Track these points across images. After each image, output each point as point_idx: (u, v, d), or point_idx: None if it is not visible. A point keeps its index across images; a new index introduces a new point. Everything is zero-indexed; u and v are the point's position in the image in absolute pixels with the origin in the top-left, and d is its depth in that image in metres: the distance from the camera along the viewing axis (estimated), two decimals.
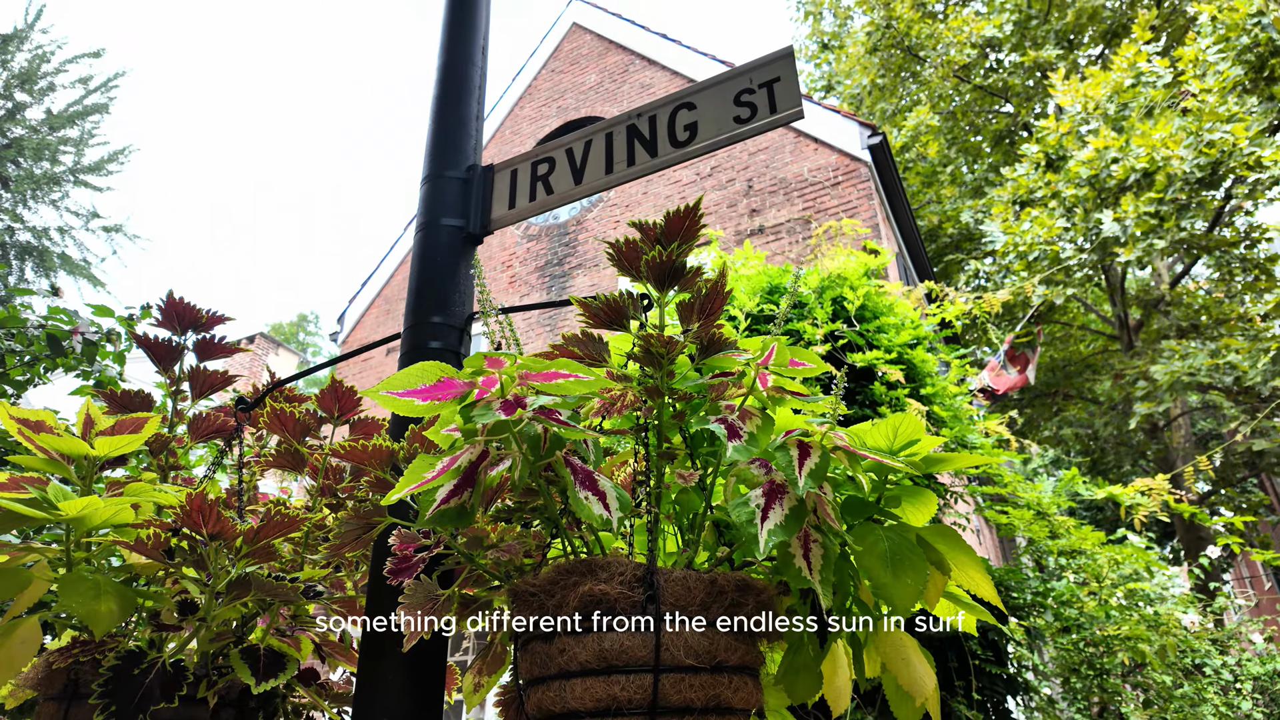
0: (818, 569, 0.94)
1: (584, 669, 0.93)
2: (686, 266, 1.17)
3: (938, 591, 1.12)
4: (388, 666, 1.17)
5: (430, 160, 1.67)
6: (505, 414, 0.93)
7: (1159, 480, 4.00)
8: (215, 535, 1.02)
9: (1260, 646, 4.95)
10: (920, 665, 1.10)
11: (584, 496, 0.92)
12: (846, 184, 6.23)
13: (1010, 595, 3.51)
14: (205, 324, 1.73)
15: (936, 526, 1.10)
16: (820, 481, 0.91)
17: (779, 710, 1.44)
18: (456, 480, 0.96)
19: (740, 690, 0.94)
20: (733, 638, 0.95)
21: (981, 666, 3.31)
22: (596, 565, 0.96)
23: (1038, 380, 12.74)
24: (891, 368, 3.74)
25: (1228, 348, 6.42)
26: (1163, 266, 12.48)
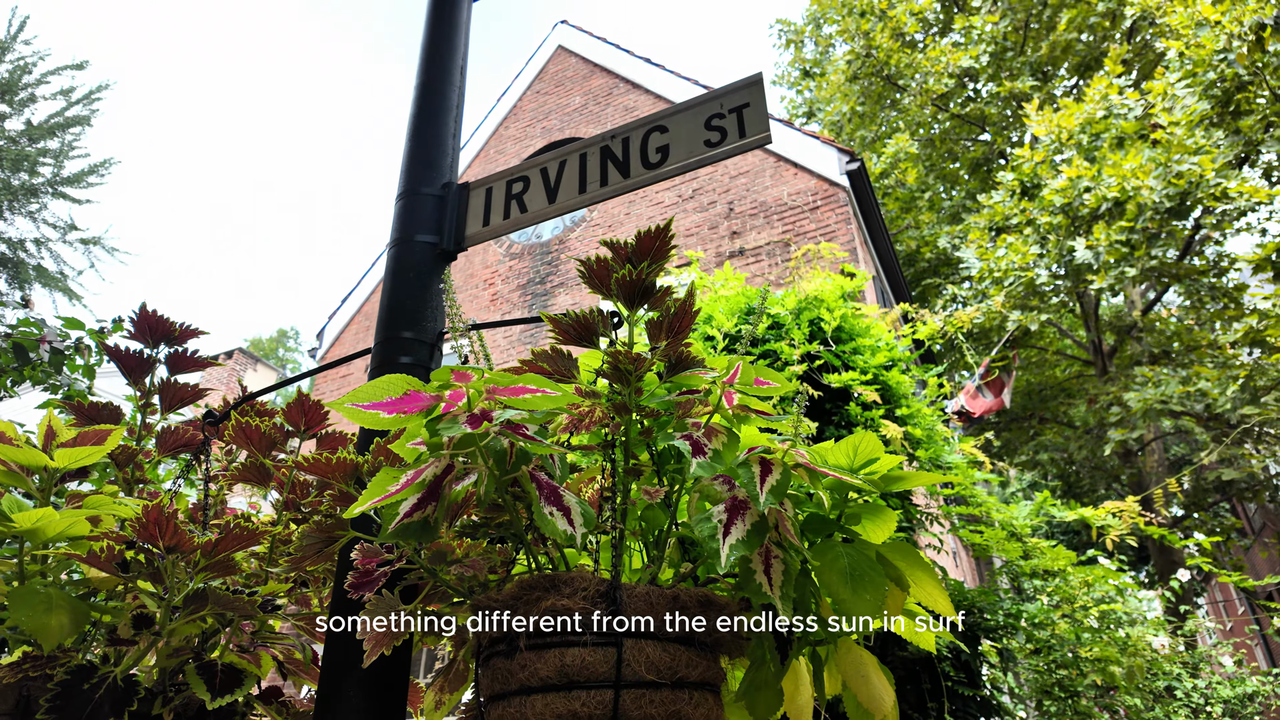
0: (778, 584, 0.94)
1: (545, 684, 0.92)
2: (656, 285, 1.19)
3: (897, 606, 1.13)
4: (348, 683, 1.16)
5: (406, 177, 1.68)
6: (471, 427, 0.94)
7: (1129, 502, 4.06)
8: (172, 548, 1.01)
9: (1230, 669, 5.00)
10: (879, 682, 1.11)
11: (549, 512, 0.93)
12: (825, 208, 6.32)
13: (983, 617, 3.53)
14: (178, 337, 1.72)
15: (896, 543, 1.11)
16: (781, 498, 0.92)
17: None
18: (420, 494, 0.96)
19: (701, 706, 0.95)
20: (695, 653, 0.95)
21: (954, 689, 3.32)
22: (560, 580, 0.96)
23: (1015, 405, 12.89)
24: (867, 389, 3.77)
25: (1198, 375, 6.55)
26: (1136, 294, 12.73)
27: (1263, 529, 21.35)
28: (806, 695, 1.32)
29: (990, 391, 7.90)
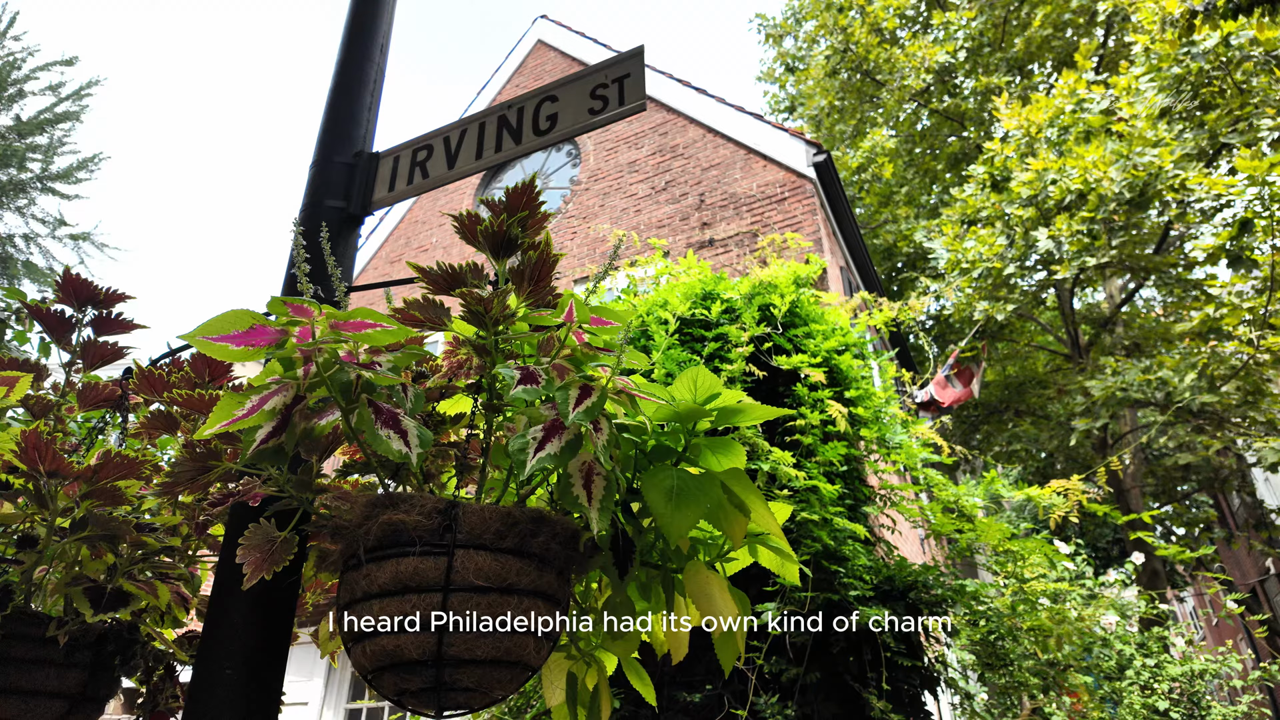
0: (597, 498, 1.03)
1: (383, 591, 1.01)
2: (521, 238, 1.28)
3: (740, 530, 1.21)
4: (234, 605, 1.24)
5: (320, 146, 1.76)
6: (316, 361, 1.03)
7: (1074, 481, 4.16)
8: (53, 472, 1.10)
9: (1181, 649, 5.11)
10: (721, 599, 1.19)
11: (385, 434, 1.01)
12: (792, 199, 6.42)
13: (926, 591, 3.63)
14: (103, 301, 1.80)
15: (733, 472, 1.20)
16: (593, 418, 1.01)
17: (628, 660, 1.54)
18: (275, 422, 1.04)
19: (531, 611, 1.03)
20: (525, 563, 1.04)
21: (894, 659, 3.42)
22: (400, 499, 1.05)
23: (993, 398, 13.02)
24: (815, 371, 3.87)
25: (1160, 364, 6.66)
26: (1115, 288, 12.87)
27: (1254, 527, 21.53)
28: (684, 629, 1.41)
29: (960, 382, 8.01)
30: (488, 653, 1.00)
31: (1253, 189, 5.43)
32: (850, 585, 3.37)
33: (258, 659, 1.22)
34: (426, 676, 0.99)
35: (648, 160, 7.75)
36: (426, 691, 1.01)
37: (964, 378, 7.94)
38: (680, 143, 7.64)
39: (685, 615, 1.40)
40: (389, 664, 1.00)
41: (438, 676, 0.99)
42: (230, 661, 1.19)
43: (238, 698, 1.18)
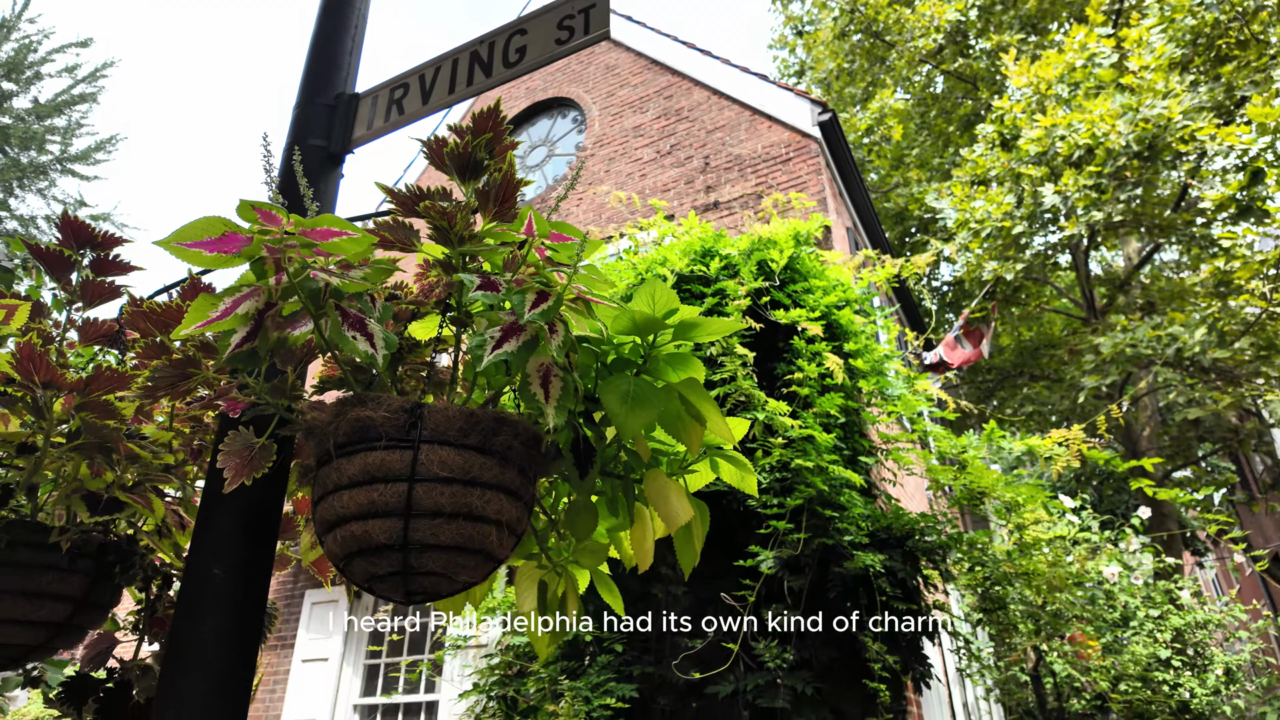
0: (554, 397, 1.09)
1: (351, 482, 1.08)
2: (486, 160, 1.32)
3: (697, 439, 1.26)
4: (220, 513, 1.31)
5: (303, 88, 1.81)
6: (286, 269, 1.08)
7: (1075, 431, 4.17)
8: (47, 383, 1.17)
9: (1186, 602, 5.14)
10: (678, 502, 1.25)
11: (351, 335, 1.07)
12: (797, 159, 6.39)
13: (923, 539, 3.68)
14: (101, 243, 1.87)
15: (690, 382, 1.24)
16: (549, 319, 1.06)
17: (598, 571, 1.60)
18: (248, 327, 1.10)
19: (493, 503, 1.10)
20: (488, 460, 1.10)
21: (890, 603, 3.48)
22: (368, 398, 1.11)
23: (1008, 363, 12.93)
24: (812, 325, 3.89)
25: (1172, 321, 6.59)
26: (1133, 250, 12.67)
27: (1271, 488, 21.15)
28: (650, 538, 1.47)
29: (969, 343, 7.97)
30: (452, 539, 1.06)
31: (1264, 138, 5.31)
32: (845, 531, 3.42)
33: (244, 563, 1.29)
34: (393, 560, 1.06)
35: (653, 124, 7.72)
36: (394, 576, 1.08)
37: (973, 339, 7.90)
38: (685, 105, 7.60)
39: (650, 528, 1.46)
40: (358, 550, 1.07)
41: (404, 560, 1.06)
42: (218, 563, 1.27)
43: (225, 597, 1.26)
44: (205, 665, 1.19)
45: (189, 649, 1.20)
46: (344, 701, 6.16)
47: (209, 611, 1.24)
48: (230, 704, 1.20)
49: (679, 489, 1.28)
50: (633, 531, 1.46)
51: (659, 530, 1.48)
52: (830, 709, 3.63)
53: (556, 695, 3.62)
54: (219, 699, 1.18)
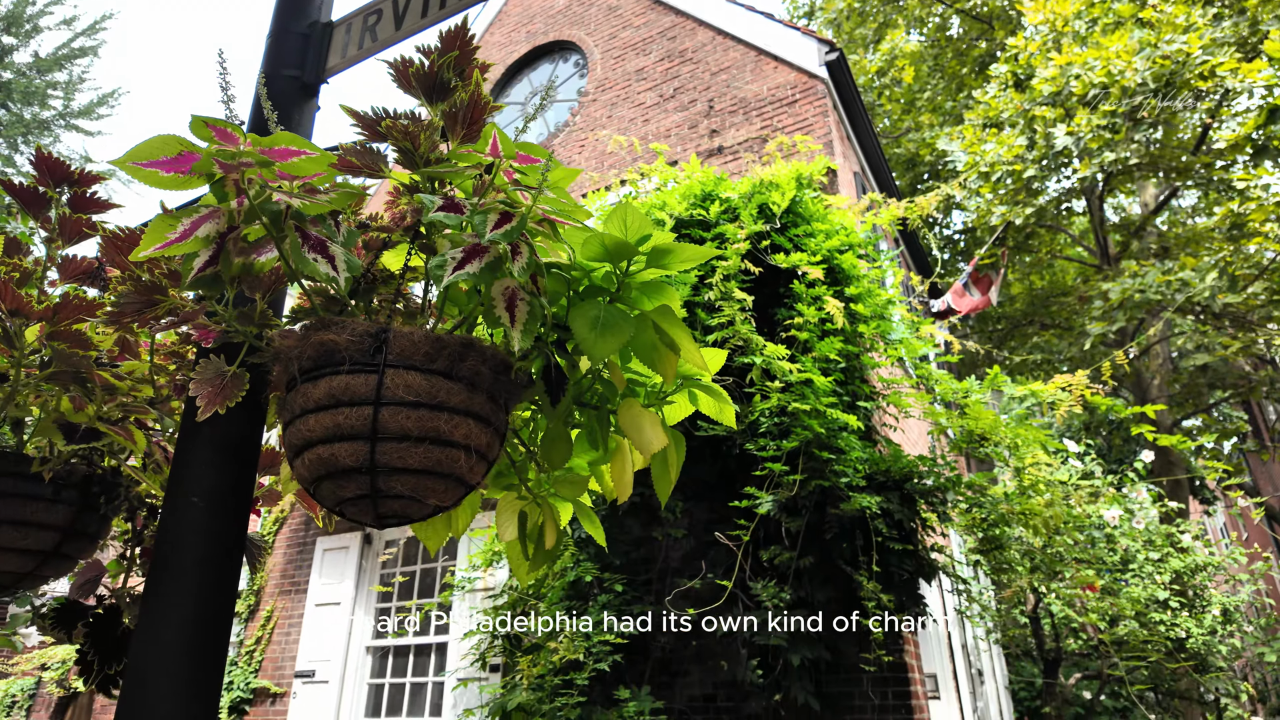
0: (520, 322, 1.07)
1: (317, 406, 1.07)
2: (454, 82, 1.28)
3: (672, 368, 1.25)
4: (199, 445, 1.32)
5: (276, 17, 1.76)
6: (246, 192, 1.06)
7: (1079, 376, 4.13)
8: (14, 311, 1.16)
9: (1187, 544, 5.16)
10: (651, 430, 1.24)
11: (312, 258, 1.05)
12: (803, 101, 6.23)
13: (921, 480, 3.69)
14: (78, 180, 1.85)
15: (664, 309, 1.23)
16: (512, 239, 1.04)
17: (580, 504, 1.61)
18: (211, 251, 1.09)
19: (461, 427, 1.09)
20: (456, 385, 1.09)
21: (886, 544, 3.51)
22: (333, 322, 1.10)
23: (1018, 312, 12.81)
24: (813, 268, 3.84)
25: (1183, 265, 6.47)
26: (1150, 196, 12.40)
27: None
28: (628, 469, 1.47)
29: (978, 290, 7.88)
30: (420, 462, 1.06)
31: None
32: (842, 474, 3.44)
33: (222, 492, 1.30)
34: (361, 483, 1.06)
35: (655, 67, 7.54)
36: (363, 499, 1.08)
37: (982, 286, 7.80)
38: (689, 47, 7.40)
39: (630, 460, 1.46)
40: (326, 472, 1.07)
41: (372, 483, 1.06)
42: (196, 493, 1.28)
43: (204, 527, 1.27)
44: (185, 593, 1.20)
45: (169, 577, 1.22)
46: (357, 643, 6.33)
47: (188, 540, 1.25)
48: (210, 632, 1.22)
49: (653, 418, 1.27)
50: (612, 464, 1.46)
51: (638, 462, 1.48)
52: (826, 646, 3.70)
53: (558, 633, 3.70)
54: (199, 627, 1.19)
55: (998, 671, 7.64)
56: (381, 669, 6.22)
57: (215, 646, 1.20)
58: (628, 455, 1.46)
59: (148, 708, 1.11)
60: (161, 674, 1.13)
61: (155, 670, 1.14)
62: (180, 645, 1.16)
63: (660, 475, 1.38)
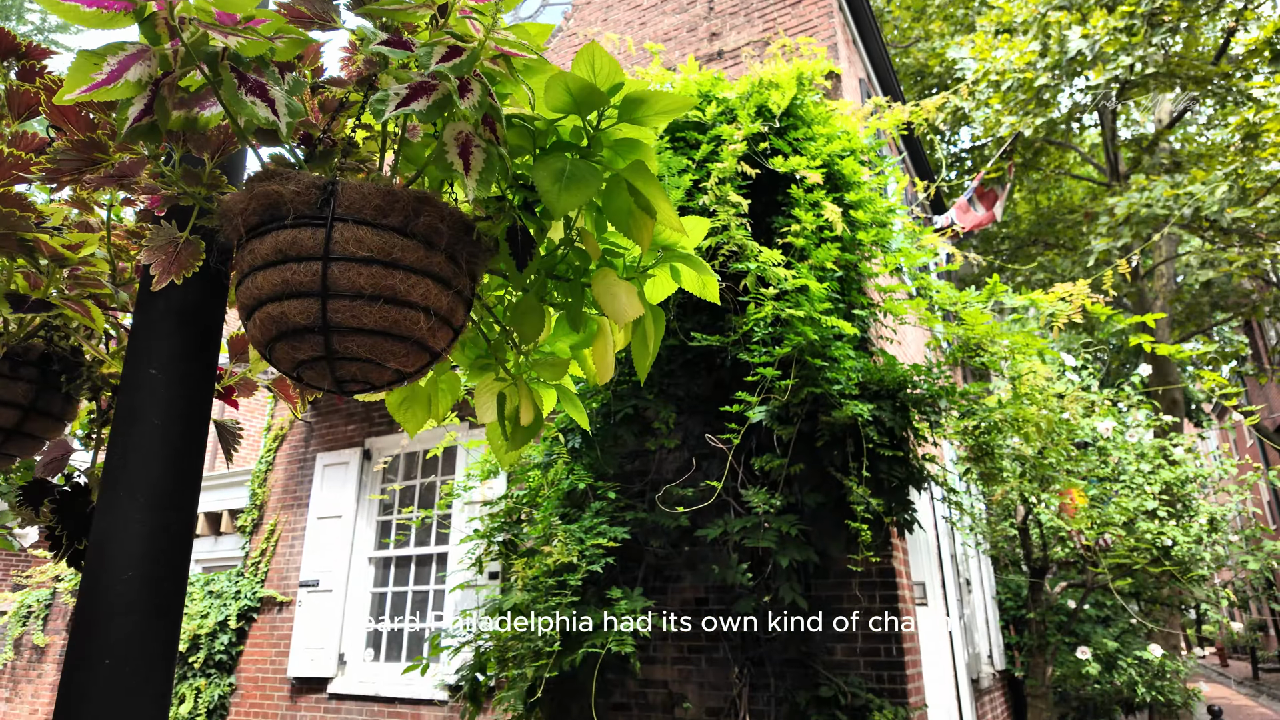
0: (475, 170, 1.00)
1: (265, 262, 1.02)
2: None
3: (647, 233, 1.18)
4: (155, 316, 1.27)
5: None
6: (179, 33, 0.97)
7: (1080, 285, 4.06)
8: None
9: (1177, 456, 5.19)
10: (627, 299, 1.19)
11: (250, 100, 0.98)
12: (807, 0, 5.93)
13: (915, 389, 3.66)
14: (26, 53, 1.74)
15: (637, 165, 1.15)
16: (461, 74, 0.95)
17: (564, 388, 1.57)
18: (145, 99, 1.01)
19: (418, 287, 1.04)
20: (412, 242, 1.03)
21: (877, 451, 3.51)
22: (278, 173, 1.03)
23: (1022, 231, 12.59)
24: (812, 173, 3.72)
25: (1193, 179, 6.29)
26: (1164, 112, 12.00)
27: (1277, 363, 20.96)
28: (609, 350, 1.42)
29: (983, 205, 7.70)
30: (375, 322, 1.01)
31: None
32: (835, 381, 3.41)
33: (181, 362, 1.25)
34: (315, 343, 1.02)
35: None
36: (319, 361, 1.04)
37: (987, 201, 7.62)
38: None
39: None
40: (278, 332, 1.02)
41: (326, 344, 1.01)
42: (155, 364, 1.24)
43: (164, 403, 1.23)
44: (143, 465, 1.17)
45: (128, 449, 1.19)
46: (359, 554, 6.48)
47: (147, 412, 1.21)
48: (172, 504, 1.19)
49: (629, 287, 1.21)
50: (593, 346, 1.42)
51: (619, 343, 1.43)
52: (815, 550, 3.76)
53: (552, 538, 3.75)
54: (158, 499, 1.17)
55: (985, 582, 7.85)
56: (384, 579, 6.39)
57: (178, 519, 1.17)
58: (608, 336, 1.41)
59: (107, 578, 1.10)
60: (119, 546, 1.11)
61: (114, 542, 1.12)
62: (139, 517, 1.13)
63: (639, 351, 1.34)
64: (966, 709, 5.81)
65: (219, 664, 6.60)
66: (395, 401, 1.49)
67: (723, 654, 4.20)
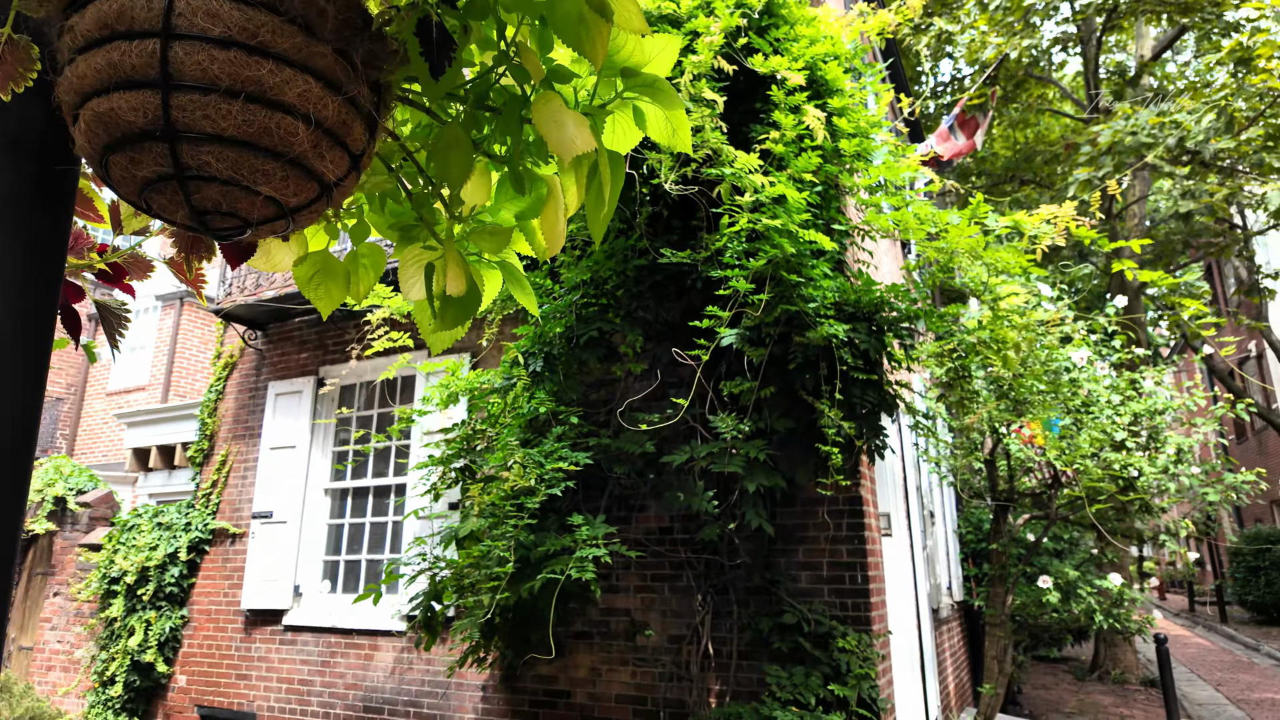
0: None
1: (87, 41, 0.76)
2: None
3: (602, 42, 0.95)
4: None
5: None
6: None
7: (1065, 207, 3.89)
8: None
9: (1147, 389, 5.15)
10: (576, 129, 0.96)
11: None
12: None
13: (891, 311, 3.50)
14: None
15: None
16: None
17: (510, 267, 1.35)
18: None
19: (294, 84, 0.79)
20: (283, 22, 0.78)
21: (850, 375, 3.36)
22: None
23: (999, 167, 12.42)
24: (794, 73, 3.45)
25: (1180, 108, 6.12)
26: (1148, 47, 11.76)
27: (1248, 293, 21.32)
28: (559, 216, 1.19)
29: (963, 133, 7.48)
30: (238, 128, 0.77)
31: None
32: (811, 298, 3.22)
33: (16, 197, 1.00)
34: (159, 155, 0.77)
35: None
36: (168, 181, 0.80)
37: (968, 129, 7.39)
38: None
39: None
40: (110, 139, 0.77)
41: (174, 155, 0.77)
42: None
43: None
44: None
45: None
46: (314, 485, 6.26)
47: None
48: (7, 377, 0.96)
49: (578, 116, 0.98)
50: (543, 212, 1.19)
51: (571, 205, 1.21)
52: (783, 476, 3.63)
53: (511, 463, 3.58)
54: None
55: (948, 515, 7.93)
56: (341, 510, 6.20)
57: (21, 391, 0.94)
58: (559, 198, 1.18)
59: None
60: None
61: None
62: None
63: (595, 208, 1.11)
64: (927, 637, 5.88)
65: (170, 596, 6.41)
66: (305, 275, 1.25)
67: (686, 582, 4.11)
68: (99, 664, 6.37)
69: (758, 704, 3.42)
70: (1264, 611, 16.82)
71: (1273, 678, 11.03)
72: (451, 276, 1.09)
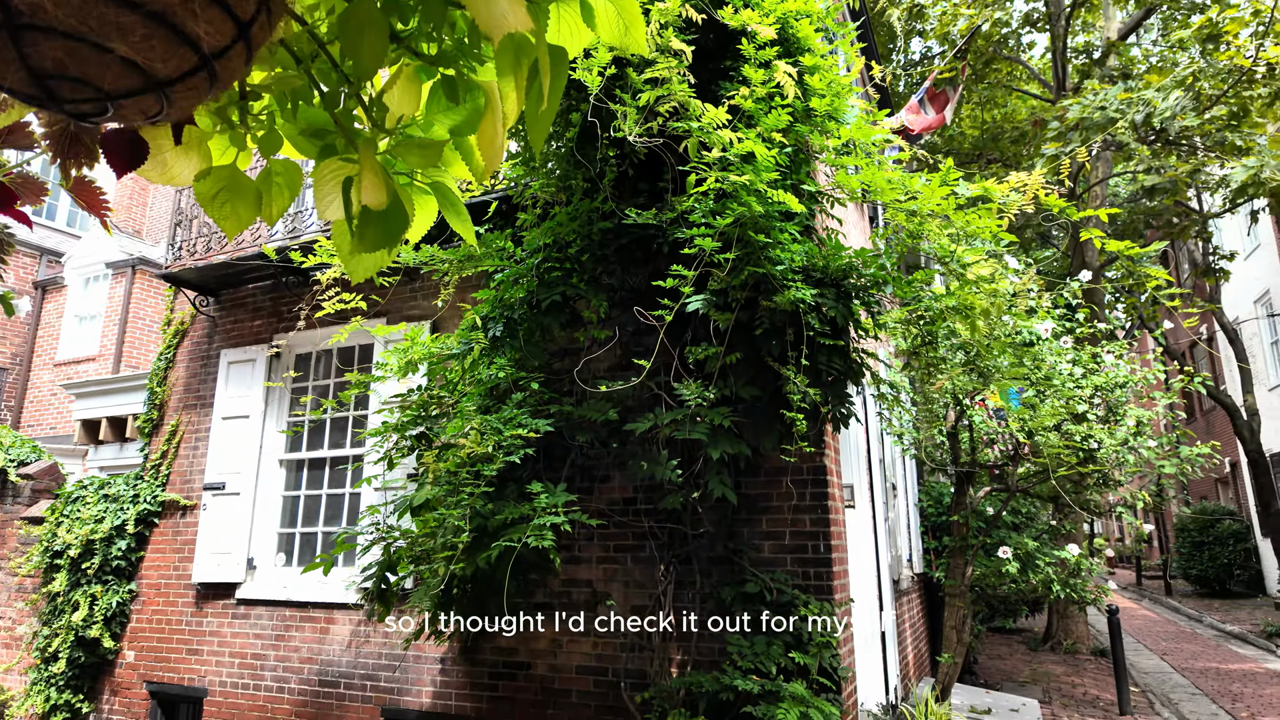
0: None
1: None
2: None
3: None
4: None
5: None
6: None
7: (1035, 175, 3.84)
8: None
9: (1109, 363, 5.19)
10: (511, 4, 0.83)
11: None
12: None
13: (860, 277, 3.42)
14: None
15: None
16: None
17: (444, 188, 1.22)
18: None
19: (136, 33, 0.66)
20: None
21: (817, 341, 3.29)
22: None
23: (965, 147, 12.45)
24: (764, 27, 3.32)
25: (1147, 84, 6.13)
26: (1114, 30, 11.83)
27: (1204, 274, 21.80)
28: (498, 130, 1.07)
29: (933, 107, 7.43)
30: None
31: None
32: (778, 260, 3.12)
33: None
34: None
35: None
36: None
37: (938, 103, 7.35)
38: None
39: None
40: None
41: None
42: None
43: None
44: None
45: None
46: (269, 456, 6.06)
47: None
48: None
49: None
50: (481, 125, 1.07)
51: (510, 115, 1.08)
52: (748, 444, 3.56)
53: (468, 430, 3.45)
54: None
55: (909, 489, 7.99)
56: (297, 482, 6.01)
57: None
58: (497, 108, 1.06)
59: None
60: None
61: None
62: None
63: (533, 112, 0.99)
64: (888, 608, 5.91)
65: (116, 570, 6.18)
66: (208, 192, 1.12)
67: (649, 553, 4.03)
68: (41, 640, 6.14)
69: (719, 673, 3.37)
70: (1207, 585, 17.42)
71: (1215, 647, 11.42)
72: (368, 185, 0.97)
